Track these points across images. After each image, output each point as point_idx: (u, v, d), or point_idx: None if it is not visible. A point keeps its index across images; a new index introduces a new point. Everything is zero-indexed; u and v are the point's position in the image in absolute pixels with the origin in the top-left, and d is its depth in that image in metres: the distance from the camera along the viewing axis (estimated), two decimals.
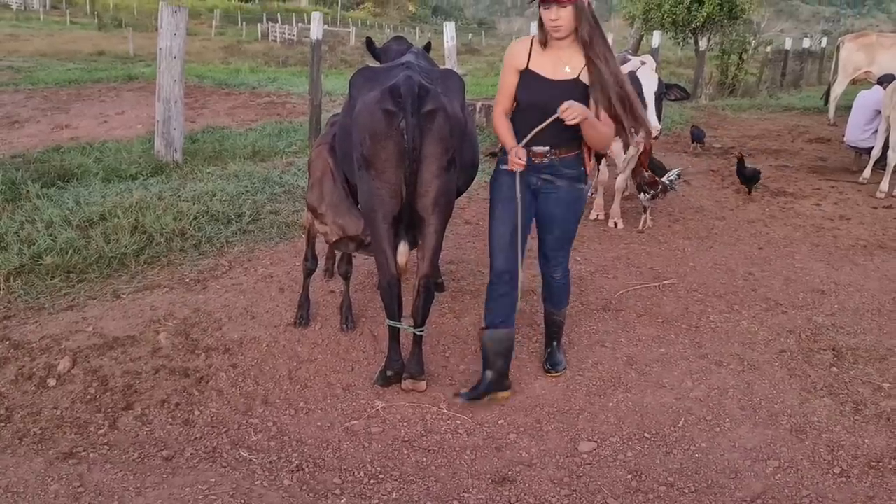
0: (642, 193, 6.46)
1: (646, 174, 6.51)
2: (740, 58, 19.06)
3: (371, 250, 3.81)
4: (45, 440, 3.17)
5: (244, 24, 46.83)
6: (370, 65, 4.29)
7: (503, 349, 3.57)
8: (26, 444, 3.14)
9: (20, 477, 2.93)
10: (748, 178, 7.84)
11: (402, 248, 3.60)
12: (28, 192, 5.86)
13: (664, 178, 6.56)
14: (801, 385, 3.87)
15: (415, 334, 3.70)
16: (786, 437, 3.41)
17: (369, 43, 4.47)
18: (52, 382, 3.57)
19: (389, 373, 3.73)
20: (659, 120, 5.73)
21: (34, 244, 4.89)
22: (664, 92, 5.84)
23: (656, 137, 5.77)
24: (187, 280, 4.82)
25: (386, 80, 3.46)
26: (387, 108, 3.31)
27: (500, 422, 3.49)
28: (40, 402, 3.43)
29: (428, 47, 4.60)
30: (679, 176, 6.66)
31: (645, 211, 6.56)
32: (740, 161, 7.89)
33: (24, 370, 3.65)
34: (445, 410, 3.55)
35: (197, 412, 3.44)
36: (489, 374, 3.57)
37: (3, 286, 4.51)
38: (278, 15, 52.77)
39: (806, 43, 24.54)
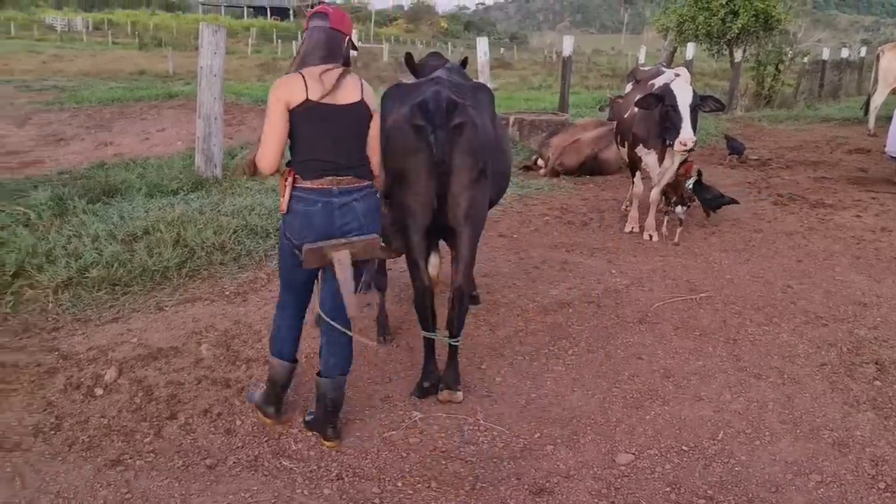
0: (679, 206, 6.44)
1: (688, 188, 6.52)
2: (777, 69, 18.86)
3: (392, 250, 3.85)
4: (93, 447, 3.26)
5: (279, 41, 47.59)
6: (403, 81, 4.37)
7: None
8: (75, 452, 3.23)
9: (70, 483, 3.02)
10: (708, 201, 6.86)
11: (434, 259, 3.64)
12: (75, 207, 6.03)
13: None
14: (843, 399, 3.82)
15: (450, 345, 3.73)
16: (828, 451, 3.37)
17: (409, 59, 4.54)
18: (99, 392, 3.68)
19: (426, 384, 3.77)
20: (694, 132, 5.72)
21: (81, 258, 5.03)
22: (699, 104, 5.83)
23: (691, 149, 5.75)
24: (228, 293, 4.92)
25: (416, 95, 3.53)
26: (416, 123, 3.37)
27: (536, 434, 3.50)
28: (88, 411, 3.53)
29: (464, 63, 4.66)
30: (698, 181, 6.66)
31: (680, 224, 6.53)
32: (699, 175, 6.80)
33: (73, 380, 3.76)
34: (482, 421, 3.57)
35: (238, 422, 3.51)
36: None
37: (51, 298, 4.65)
38: None
39: (844, 53, 24.20)
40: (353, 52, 3.23)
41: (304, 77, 3.01)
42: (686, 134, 5.65)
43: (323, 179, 3.07)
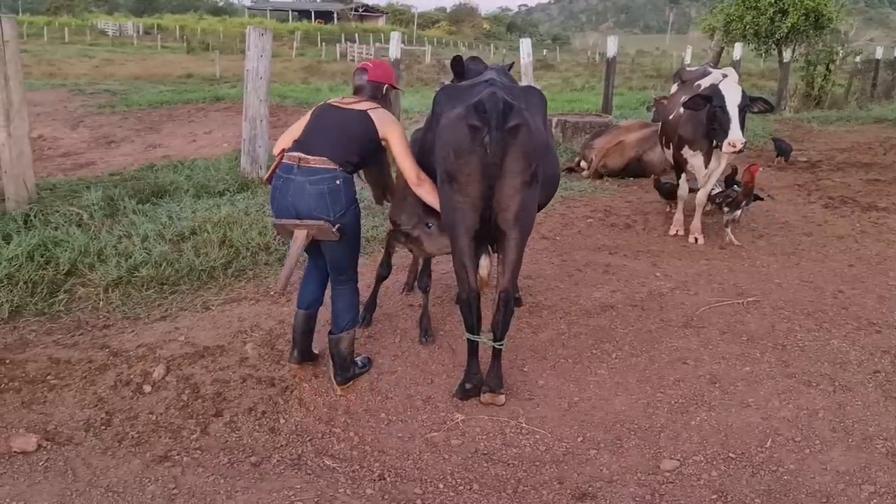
0: (740, 211, 6.37)
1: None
2: (827, 68, 18.41)
3: (418, 242, 4.06)
4: (141, 443, 3.33)
5: (323, 44, 48.14)
6: (448, 83, 4.36)
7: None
8: (125, 447, 3.30)
9: (119, 477, 3.08)
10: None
11: (484, 261, 3.62)
12: (125, 207, 6.18)
13: None
14: None
15: (494, 348, 3.71)
16: (881, 461, 3.27)
17: (457, 62, 4.53)
18: (147, 389, 3.75)
19: (468, 386, 3.76)
20: (743, 133, 5.61)
21: (131, 257, 5.15)
22: (748, 104, 5.71)
23: (740, 151, 5.64)
24: (272, 292, 4.98)
25: (469, 96, 3.51)
26: (472, 123, 3.36)
27: (579, 438, 3.47)
28: (137, 407, 3.60)
29: (510, 67, 4.64)
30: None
31: (734, 222, 6.45)
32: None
33: (123, 377, 3.85)
34: (524, 425, 3.55)
35: (282, 420, 3.55)
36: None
37: (102, 297, 4.76)
38: (356, 35, 54.13)
39: None
40: (395, 92, 3.73)
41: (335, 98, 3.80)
42: (734, 135, 5.54)
43: (294, 153, 3.55)
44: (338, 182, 3.52)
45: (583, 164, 9.23)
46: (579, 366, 4.16)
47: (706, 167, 6.27)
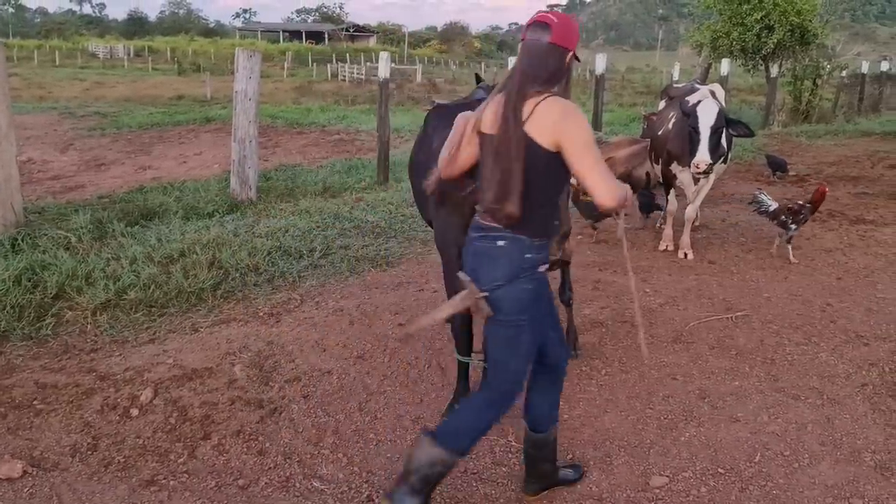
0: (794, 225, 6.39)
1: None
2: (814, 83, 18.57)
3: None
4: (128, 468, 3.30)
5: (314, 65, 48.37)
6: (439, 102, 4.39)
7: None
8: (111, 472, 3.27)
9: (105, 503, 3.05)
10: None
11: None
12: (114, 230, 6.17)
13: None
14: (885, 420, 3.72)
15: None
16: (870, 474, 3.27)
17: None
18: (135, 412, 3.73)
19: (457, 406, 3.74)
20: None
21: (119, 280, 5.13)
22: (723, 126, 5.73)
23: (706, 172, 5.66)
24: (261, 314, 4.97)
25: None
26: None
27: (568, 456, 3.46)
28: (124, 431, 3.57)
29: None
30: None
31: (790, 241, 6.46)
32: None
33: (110, 400, 3.82)
34: (514, 443, 3.54)
35: (270, 443, 3.53)
36: None
37: (90, 320, 4.74)
38: (347, 55, 54.47)
39: (884, 66, 23.75)
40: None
41: None
42: (700, 156, 5.58)
43: None
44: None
45: (573, 180, 9.24)
46: (568, 383, 4.12)
47: (695, 183, 6.31)
